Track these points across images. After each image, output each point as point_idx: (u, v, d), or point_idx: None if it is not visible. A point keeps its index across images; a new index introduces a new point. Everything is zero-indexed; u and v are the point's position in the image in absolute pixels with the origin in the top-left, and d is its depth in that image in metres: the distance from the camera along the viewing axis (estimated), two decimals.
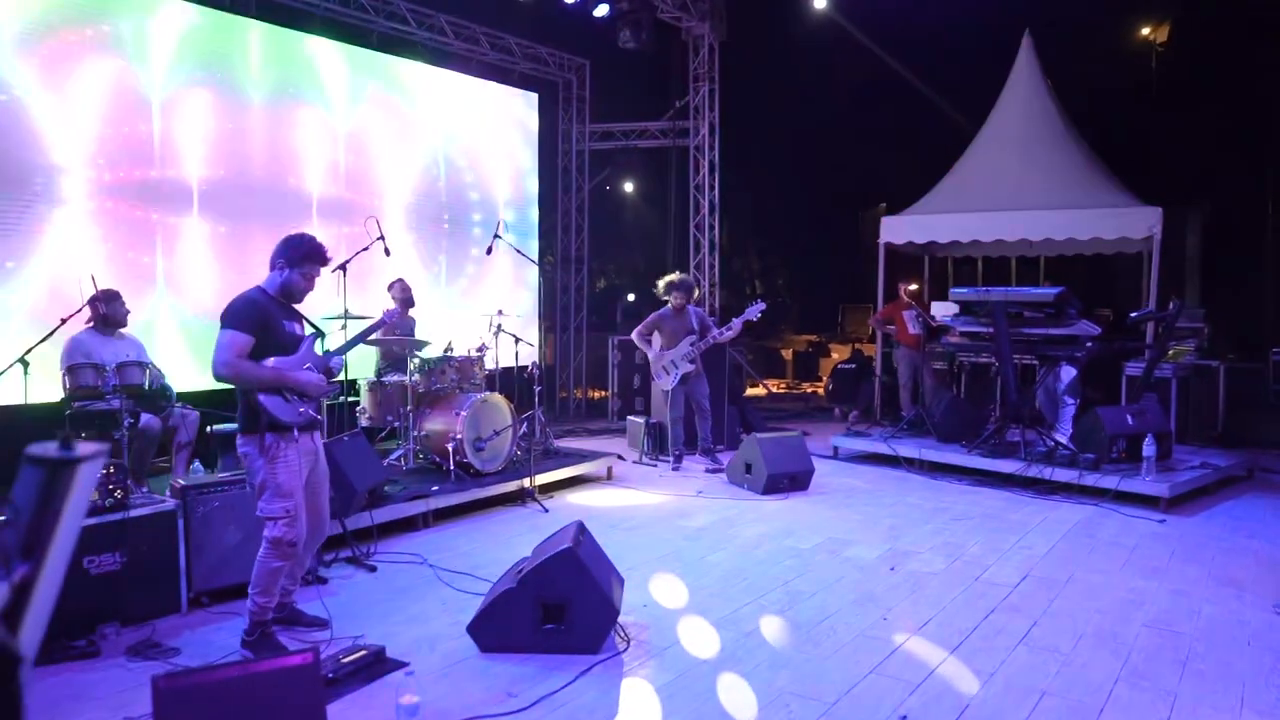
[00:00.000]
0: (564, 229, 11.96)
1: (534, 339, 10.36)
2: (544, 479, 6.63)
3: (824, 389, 12.78)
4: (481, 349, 6.93)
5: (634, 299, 16.82)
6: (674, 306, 7.62)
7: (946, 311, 8.53)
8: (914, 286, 9.50)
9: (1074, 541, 5.48)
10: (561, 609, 3.65)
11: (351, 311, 5.68)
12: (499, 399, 6.43)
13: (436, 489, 5.87)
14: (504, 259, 9.89)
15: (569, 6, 9.90)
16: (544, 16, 10.28)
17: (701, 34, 10.94)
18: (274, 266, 3.73)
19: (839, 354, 14.95)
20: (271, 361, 3.59)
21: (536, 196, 11.01)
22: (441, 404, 6.36)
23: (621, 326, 13.01)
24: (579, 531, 3.90)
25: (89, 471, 1.10)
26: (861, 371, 11.25)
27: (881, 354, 10.66)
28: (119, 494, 3.95)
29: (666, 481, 7.29)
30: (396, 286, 7.23)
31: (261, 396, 3.54)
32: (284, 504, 3.60)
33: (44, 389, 5.37)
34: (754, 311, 7.51)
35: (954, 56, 12.72)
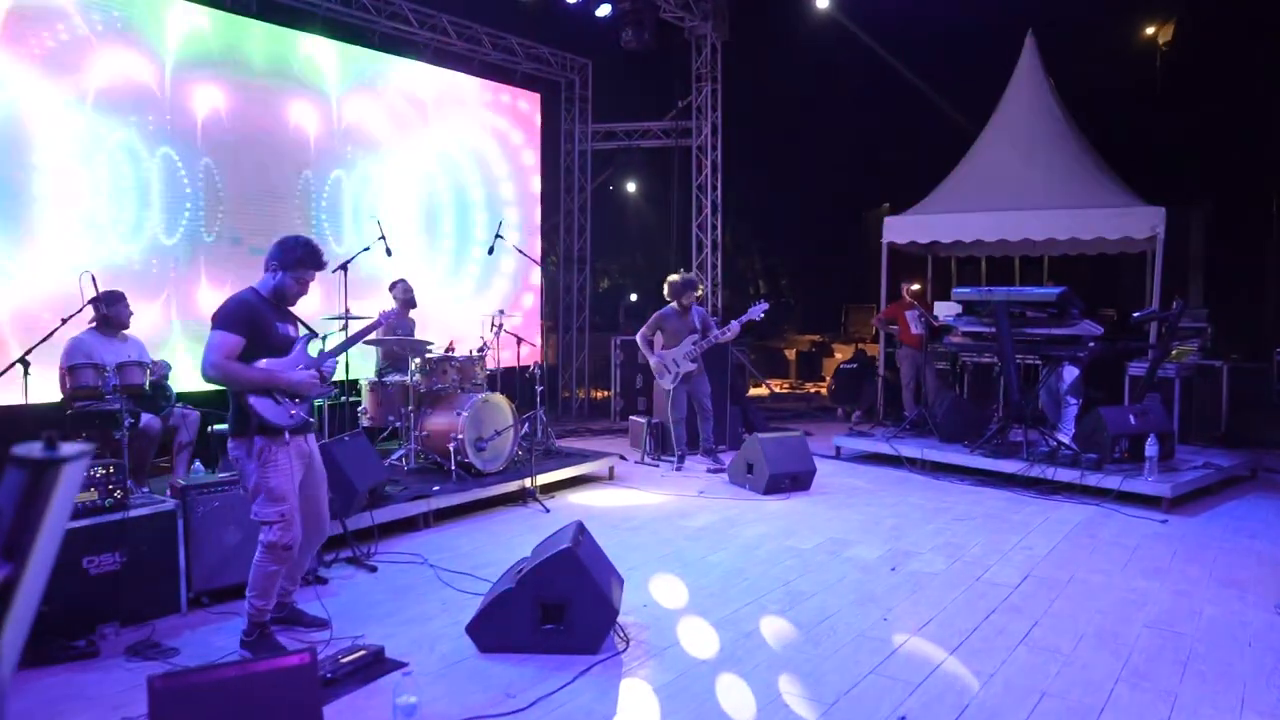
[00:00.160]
0: (566, 229, 11.96)
1: (536, 339, 10.36)
2: (545, 479, 6.63)
3: (827, 389, 12.77)
4: (483, 348, 6.93)
5: (636, 299, 16.83)
6: (683, 306, 7.62)
7: (949, 311, 8.52)
8: (917, 286, 9.48)
9: (1075, 542, 5.47)
10: (561, 609, 3.65)
11: (352, 312, 5.69)
12: (500, 399, 6.43)
13: (437, 489, 5.87)
14: (506, 259, 9.89)
15: (571, 6, 9.89)
16: (546, 16, 10.27)
17: (704, 34, 10.95)
18: (267, 268, 3.71)
19: (842, 354, 14.95)
20: (264, 363, 3.58)
21: (539, 196, 11.02)
22: (443, 404, 6.36)
23: (624, 326, 13.01)
24: (578, 532, 3.90)
25: (74, 472, 1.10)
26: (864, 371, 11.24)
27: (884, 354, 10.65)
28: (119, 494, 3.95)
29: (668, 481, 7.29)
30: (399, 287, 7.23)
31: (251, 399, 3.53)
32: (278, 508, 3.59)
33: (44, 389, 5.37)
34: (756, 311, 7.51)
35: (956, 56, 12.71)
